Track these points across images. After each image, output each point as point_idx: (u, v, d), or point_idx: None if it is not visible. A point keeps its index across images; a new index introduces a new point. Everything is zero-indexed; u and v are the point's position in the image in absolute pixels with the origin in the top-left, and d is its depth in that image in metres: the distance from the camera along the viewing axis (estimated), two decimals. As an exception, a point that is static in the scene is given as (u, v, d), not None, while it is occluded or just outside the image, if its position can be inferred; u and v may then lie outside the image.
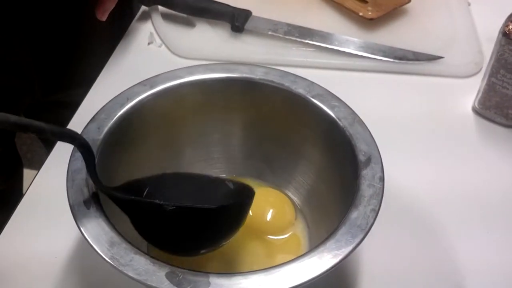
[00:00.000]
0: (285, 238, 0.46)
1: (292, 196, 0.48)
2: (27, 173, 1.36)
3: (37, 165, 0.54)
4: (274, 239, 0.46)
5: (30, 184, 0.51)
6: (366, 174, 0.38)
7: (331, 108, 0.43)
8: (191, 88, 0.44)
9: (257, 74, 0.45)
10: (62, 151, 0.40)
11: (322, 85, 0.44)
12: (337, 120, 0.42)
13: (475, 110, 0.59)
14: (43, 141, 0.87)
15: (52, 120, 0.40)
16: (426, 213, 0.49)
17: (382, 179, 0.38)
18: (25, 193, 0.51)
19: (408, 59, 0.63)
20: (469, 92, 0.60)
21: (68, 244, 0.46)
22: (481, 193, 0.51)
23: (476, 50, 0.65)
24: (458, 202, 0.50)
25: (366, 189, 0.37)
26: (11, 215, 0.49)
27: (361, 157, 0.39)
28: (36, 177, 0.52)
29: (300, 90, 0.44)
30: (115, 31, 0.70)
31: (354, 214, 0.36)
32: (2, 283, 0.44)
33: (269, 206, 0.47)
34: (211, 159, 0.49)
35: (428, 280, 0.45)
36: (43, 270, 0.44)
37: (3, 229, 0.47)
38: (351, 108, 0.43)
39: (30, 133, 0.32)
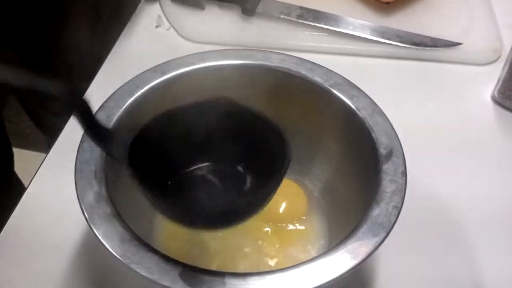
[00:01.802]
0: (298, 229, 0.44)
1: (307, 189, 0.46)
2: (29, 154, 1.36)
3: (39, 147, 0.53)
4: (287, 230, 0.44)
5: (37, 170, 0.50)
6: (388, 168, 0.37)
7: (350, 97, 0.41)
8: (204, 75, 0.43)
9: (273, 61, 0.43)
10: (69, 139, 0.38)
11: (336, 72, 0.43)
12: (356, 110, 0.40)
13: (494, 99, 0.57)
14: (33, 120, 0.84)
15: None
16: (444, 208, 0.48)
17: (404, 173, 0.36)
18: (33, 177, 0.49)
19: (425, 45, 0.61)
20: (488, 80, 0.58)
21: (76, 235, 0.44)
22: (500, 184, 0.50)
23: (495, 37, 0.63)
24: (477, 194, 0.49)
25: (387, 185, 0.36)
26: (13, 204, 0.47)
27: (382, 150, 0.38)
28: (42, 164, 0.50)
29: (317, 78, 0.42)
30: (121, 13, 0.68)
31: (376, 211, 0.34)
32: (6, 273, 0.43)
33: (280, 197, 0.46)
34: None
35: (447, 279, 0.43)
36: (50, 262, 0.43)
37: (9, 218, 0.46)
38: (370, 98, 0.41)
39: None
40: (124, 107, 0.39)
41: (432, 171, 0.50)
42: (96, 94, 0.51)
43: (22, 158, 1.37)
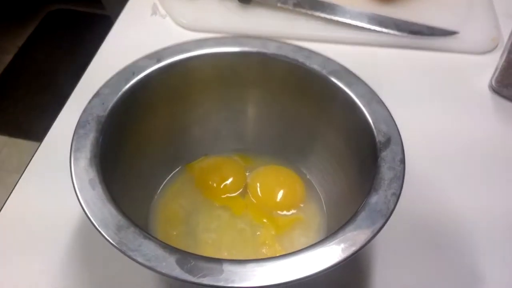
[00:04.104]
0: (295, 218, 0.44)
1: (305, 176, 0.46)
2: (25, 144, 1.35)
3: (33, 136, 0.53)
4: (284, 218, 0.44)
5: (31, 159, 0.49)
6: (386, 156, 0.36)
7: (348, 85, 0.40)
8: (200, 62, 0.42)
9: (270, 49, 0.42)
10: (66, 123, 0.38)
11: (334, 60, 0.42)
12: (354, 98, 0.40)
13: (492, 88, 0.57)
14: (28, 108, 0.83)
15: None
16: (444, 194, 0.48)
17: (403, 161, 0.36)
18: (27, 166, 0.49)
19: (422, 34, 0.61)
20: (485, 69, 0.58)
21: (72, 223, 0.44)
22: (497, 173, 0.50)
23: (493, 26, 0.63)
24: (473, 184, 0.49)
25: (386, 172, 0.35)
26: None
27: (380, 138, 0.37)
28: (39, 150, 0.50)
29: (315, 66, 0.42)
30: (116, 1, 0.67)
31: (374, 199, 0.34)
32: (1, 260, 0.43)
33: (278, 184, 0.46)
34: (221, 137, 0.47)
35: (445, 266, 0.43)
36: (45, 250, 0.43)
37: (5, 203, 0.46)
38: (368, 86, 0.40)
39: None
40: (120, 94, 0.39)
41: (429, 159, 0.50)
42: (91, 81, 0.51)
43: (16, 147, 1.36)
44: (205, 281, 0.30)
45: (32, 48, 1.67)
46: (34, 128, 1.38)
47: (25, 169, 0.49)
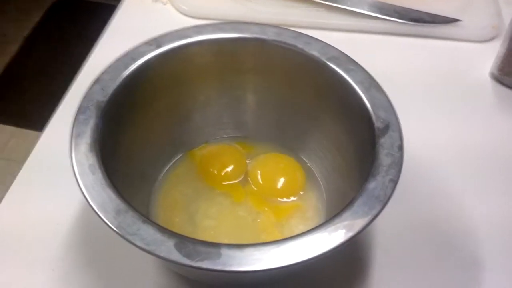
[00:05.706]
0: (295, 205, 0.44)
1: (304, 164, 0.46)
2: (30, 134, 1.36)
3: (39, 126, 0.53)
4: (284, 206, 0.44)
5: (34, 147, 0.50)
6: (384, 142, 0.36)
7: (347, 71, 0.40)
8: (200, 48, 0.42)
9: (269, 35, 0.42)
10: (68, 112, 0.38)
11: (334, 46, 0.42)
12: (353, 84, 0.40)
13: (493, 76, 0.57)
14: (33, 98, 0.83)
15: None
16: (442, 182, 0.48)
17: (401, 147, 0.36)
18: (29, 155, 0.49)
19: (424, 21, 0.60)
20: (486, 57, 0.58)
21: (72, 210, 0.44)
22: (497, 159, 0.50)
23: (495, 13, 0.63)
24: (475, 170, 0.49)
25: (384, 158, 0.35)
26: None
27: (379, 124, 0.37)
28: (40, 139, 0.50)
29: (314, 52, 0.42)
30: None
31: (372, 185, 0.34)
32: (2, 249, 0.43)
33: (278, 172, 0.46)
34: (221, 124, 0.47)
35: (443, 253, 0.44)
36: (46, 236, 0.43)
37: (7, 191, 0.46)
38: (368, 72, 0.40)
39: None
40: (120, 79, 0.39)
41: (428, 146, 0.50)
42: (92, 68, 0.51)
43: (24, 137, 1.37)
44: (203, 265, 0.30)
45: (37, 38, 1.67)
46: (41, 118, 1.38)
47: (28, 157, 0.49)
